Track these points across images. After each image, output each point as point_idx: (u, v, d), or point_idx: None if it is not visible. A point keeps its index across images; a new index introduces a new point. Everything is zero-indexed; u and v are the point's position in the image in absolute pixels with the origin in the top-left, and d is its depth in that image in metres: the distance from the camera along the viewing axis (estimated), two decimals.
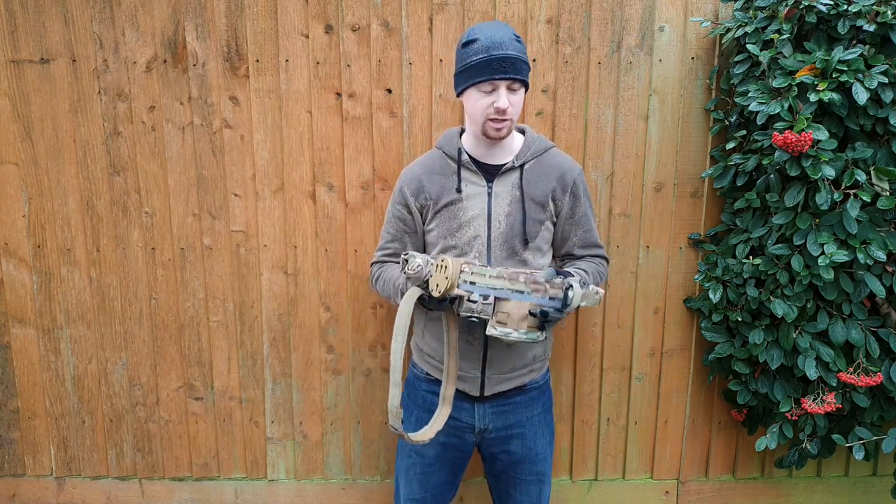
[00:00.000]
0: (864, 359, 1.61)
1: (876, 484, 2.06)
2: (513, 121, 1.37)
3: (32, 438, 2.00)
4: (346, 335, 1.93)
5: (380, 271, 1.54)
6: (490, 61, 1.31)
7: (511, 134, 1.44)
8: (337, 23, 1.77)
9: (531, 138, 1.48)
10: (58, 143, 1.82)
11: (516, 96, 1.35)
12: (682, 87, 1.82)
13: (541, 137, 1.50)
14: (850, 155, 1.53)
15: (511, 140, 1.46)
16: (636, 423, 2.01)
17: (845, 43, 1.54)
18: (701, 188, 1.87)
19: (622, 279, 1.90)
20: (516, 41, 1.33)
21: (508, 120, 1.36)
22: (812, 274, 1.57)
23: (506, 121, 1.35)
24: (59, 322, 1.92)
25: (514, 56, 1.31)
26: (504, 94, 1.33)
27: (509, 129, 1.38)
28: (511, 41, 1.32)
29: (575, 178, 1.48)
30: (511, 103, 1.34)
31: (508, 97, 1.33)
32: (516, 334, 1.26)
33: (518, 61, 1.32)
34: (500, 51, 1.30)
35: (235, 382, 1.97)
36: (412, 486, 1.56)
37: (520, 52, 1.33)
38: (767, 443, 1.73)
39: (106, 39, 1.77)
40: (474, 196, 1.44)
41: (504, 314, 1.27)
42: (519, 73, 1.32)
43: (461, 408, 1.49)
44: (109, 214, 1.86)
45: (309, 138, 1.83)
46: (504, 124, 1.36)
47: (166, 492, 2.04)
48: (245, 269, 1.90)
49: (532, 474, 1.55)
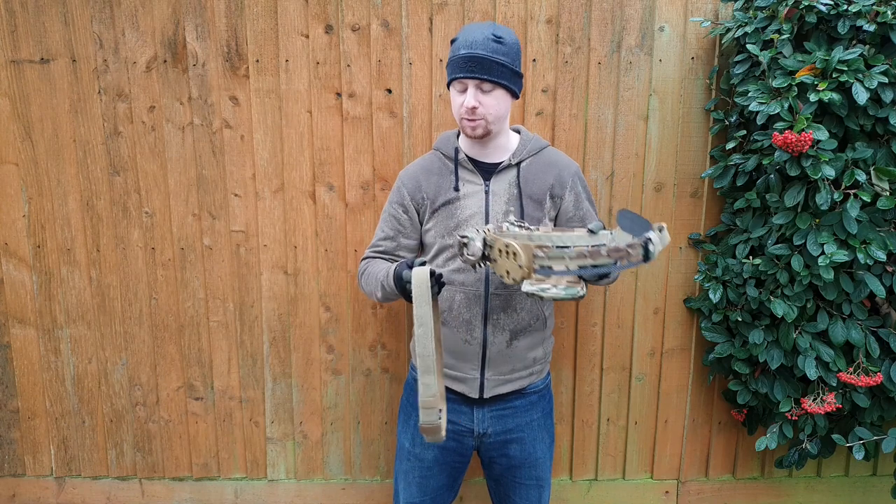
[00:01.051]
0: (864, 359, 1.61)
1: (876, 484, 2.06)
2: (487, 121, 1.35)
3: (32, 438, 2.00)
4: (346, 335, 1.93)
5: (367, 266, 1.53)
6: (458, 60, 1.32)
7: (497, 134, 1.42)
8: (337, 23, 1.77)
9: (526, 137, 1.48)
10: (58, 143, 1.82)
11: (489, 97, 1.33)
12: (682, 87, 1.82)
13: (536, 137, 1.49)
14: (850, 155, 1.53)
15: (507, 139, 1.46)
16: (636, 423, 2.01)
17: (845, 43, 1.54)
18: (701, 188, 1.87)
19: (622, 279, 1.90)
20: (494, 41, 1.30)
21: (481, 120, 1.35)
22: (812, 274, 1.57)
23: (478, 120, 1.35)
24: (59, 322, 1.92)
25: (483, 56, 1.29)
26: (472, 94, 1.32)
27: (485, 129, 1.36)
28: (486, 41, 1.30)
29: (573, 174, 1.48)
30: (482, 103, 1.33)
31: (479, 97, 1.32)
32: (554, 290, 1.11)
33: (488, 61, 1.30)
34: (469, 50, 1.30)
35: (235, 382, 1.97)
36: (411, 489, 1.55)
37: (492, 53, 1.30)
38: (767, 443, 1.73)
39: (106, 39, 1.77)
40: (472, 195, 1.43)
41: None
42: (487, 73, 1.30)
43: (460, 411, 1.49)
44: (109, 214, 1.86)
45: (309, 138, 1.83)
46: (477, 124, 1.35)
47: (166, 492, 2.04)
48: (245, 269, 1.90)
49: (531, 479, 1.54)
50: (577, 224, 1.49)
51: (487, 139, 1.41)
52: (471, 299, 1.42)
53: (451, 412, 1.49)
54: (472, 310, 1.42)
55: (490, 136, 1.40)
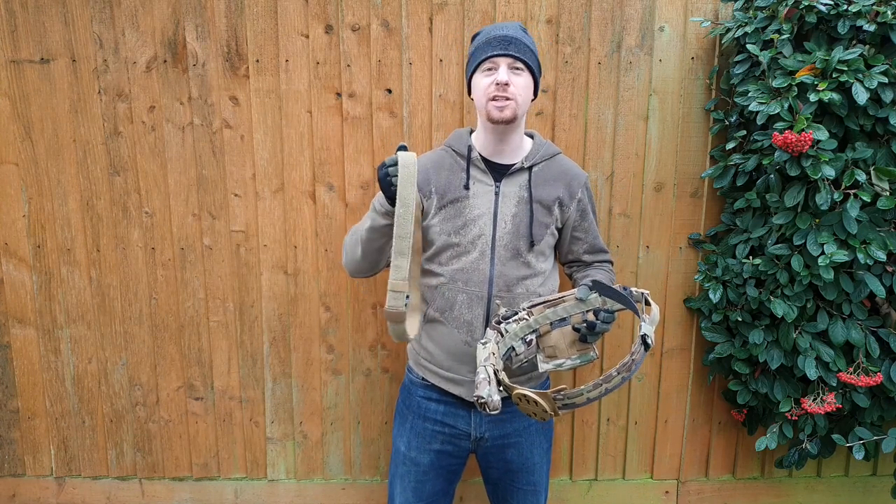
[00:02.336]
0: (864, 359, 1.61)
1: (876, 484, 2.06)
2: (517, 103, 1.34)
3: (32, 438, 2.00)
4: (346, 335, 1.93)
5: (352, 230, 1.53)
6: (491, 40, 1.34)
7: (519, 129, 1.42)
8: (337, 23, 1.77)
9: (539, 142, 1.48)
10: (58, 143, 1.82)
11: (520, 78, 1.34)
12: (682, 87, 1.82)
13: (549, 143, 1.49)
14: (850, 155, 1.53)
15: (520, 142, 1.45)
16: (636, 423, 2.01)
17: (845, 43, 1.54)
18: (701, 188, 1.87)
19: (622, 279, 1.90)
20: (522, 31, 1.37)
21: (511, 100, 1.33)
22: (812, 274, 1.57)
23: (508, 99, 1.33)
24: (59, 322, 1.92)
25: (514, 36, 1.33)
26: (504, 70, 1.33)
27: (513, 111, 1.34)
28: (516, 28, 1.36)
29: (582, 185, 1.48)
30: (514, 83, 1.33)
31: (511, 77, 1.33)
32: (569, 362, 1.26)
33: (521, 42, 1.34)
34: (502, 31, 1.34)
35: (235, 382, 1.97)
36: (406, 494, 1.53)
37: (523, 37, 1.35)
38: (767, 443, 1.73)
39: (106, 39, 1.77)
40: (481, 194, 1.42)
41: (551, 347, 1.28)
42: (520, 52, 1.33)
43: (457, 415, 1.48)
44: (109, 214, 1.86)
45: (309, 138, 1.83)
46: (507, 104, 1.33)
47: (166, 492, 2.04)
48: (245, 269, 1.90)
49: (529, 484, 1.54)
50: (580, 235, 1.50)
51: (509, 130, 1.39)
52: (473, 301, 1.41)
53: (447, 415, 1.48)
54: (474, 311, 1.41)
55: (515, 123, 1.37)
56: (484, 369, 1.19)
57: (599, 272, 1.51)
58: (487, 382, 1.16)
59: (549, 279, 1.46)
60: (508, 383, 1.14)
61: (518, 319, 1.31)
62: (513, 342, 1.30)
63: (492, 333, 1.30)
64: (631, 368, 1.06)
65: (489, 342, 1.27)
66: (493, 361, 1.21)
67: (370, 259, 1.47)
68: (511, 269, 1.40)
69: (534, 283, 1.42)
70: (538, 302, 1.32)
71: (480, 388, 1.15)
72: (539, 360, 1.30)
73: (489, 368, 1.19)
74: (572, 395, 1.07)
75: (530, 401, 1.09)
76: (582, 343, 1.27)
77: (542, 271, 1.44)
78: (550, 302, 1.30)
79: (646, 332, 1.08)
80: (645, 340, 1.07)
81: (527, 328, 1.30)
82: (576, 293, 1.27)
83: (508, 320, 1.31)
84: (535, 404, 1.09)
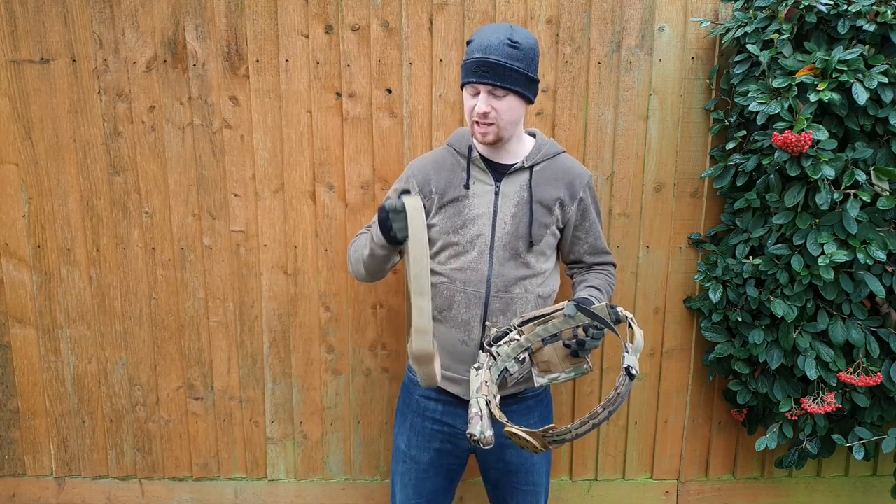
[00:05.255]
0: (864, 359, 1.61)
1: (876, 484, 2.06)
2: (499, 127, 1.35)
3: (32, 438, 2.00)
4: (346, 335, 1.93)
5: (355, 239, 1.57)
6: (472, 64, 1.31)
7: (515, 133, 1.42)
8: (337, 23, 1.77)
9: (542, 141, 1.47)
10: (58, 143, 1.82)
11: (502, 103, 1.32)
12: (682, 87, 1.82)
13: (552, 142, 1.49)
14: (850, 155, 1.53)
15: (520, 143, 1.45)
16: (636, 423, 2.01)
17: (845, 43, 1.54)
18: (701, 188, 1.87)
19: (622, 279, 1.90)
20: (509, 47, 1.29)
21: (493, 125, 1.34)
22: (812, 274, 1.57)
23: (490, 125, 1.34)
24: (59, 322, 1.92)
25: (496, 62, 1.28)
26: (483, 99, 1.31)
27: (496, 135, 1.36)
28: (501, 46, 1.28)
29: (585, 185, 1.47)
30: (494, 108, 1.32)
31: (492, 103, 1.31)
32: (564, 375, 1.29)
33: (501, 67, 1.28)
34: (483, 55, 1.29)
35: (235, 382, 1.97)
36: (407, 491, 1.54)
37: (507, 59, 1.28)
38: (767, 443, 1.73)
39: (106, 39, 1.77)
40: (481, 194, 1.42)
41: (545, 362, 1.29)
42: (500, 79, 1.29)
43: (456, 414, 1.48)
44: (109, 214, 1.86)
45: (309, 138, 1.83)
46: (488, 129, 1.35)
47: (166, 492, 2.04)
48: (245, 269, 1.90)
49: (528, 485, 1.54)
50: (581, 235, 1.50)
51: (499, 144, 1.41)
52: (471, 300, 1.41)
53: (446, 414, 1.49)
54: (472, 311, 1.41)
55: (501, 142, 1.39)
56: (476, 402, 1.22)
57: (598, 278, 1.50)
58: (480, 418, 1.19)
59: (550, 280, 1.46)
60: (500, 418, 1.16)
61: (509, 340, 1.32)
62: (506, 364, 1.32)
63: (484, 357, 1.31)
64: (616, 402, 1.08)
65: (482, 368, 1.28)
66: (486, 392, 1.23)
67: (375, 275, 1.53)
68: (509, 270, 1.40)
69: (533, 283, 1.42)
70: (528, 318, 1.33)
71: (472, 425, 1.18)
72: (534, 375, 1.32)
73: (481, 401, 1.21)
74: (560, 433, 1.11)
75: (521, 437, 1.13)
76: (574, 357, 1.29)
77: (542, 272, 1.44)
78: (540, 319, 1.31)
79: (629, 363, 1.10)
80: (629, 372, 1.09)
81: (518, 348, 1.31)
82: (564, 310, 1.28)
83: (500, 342, 1.32)
84: (526, 441, 1.13)
